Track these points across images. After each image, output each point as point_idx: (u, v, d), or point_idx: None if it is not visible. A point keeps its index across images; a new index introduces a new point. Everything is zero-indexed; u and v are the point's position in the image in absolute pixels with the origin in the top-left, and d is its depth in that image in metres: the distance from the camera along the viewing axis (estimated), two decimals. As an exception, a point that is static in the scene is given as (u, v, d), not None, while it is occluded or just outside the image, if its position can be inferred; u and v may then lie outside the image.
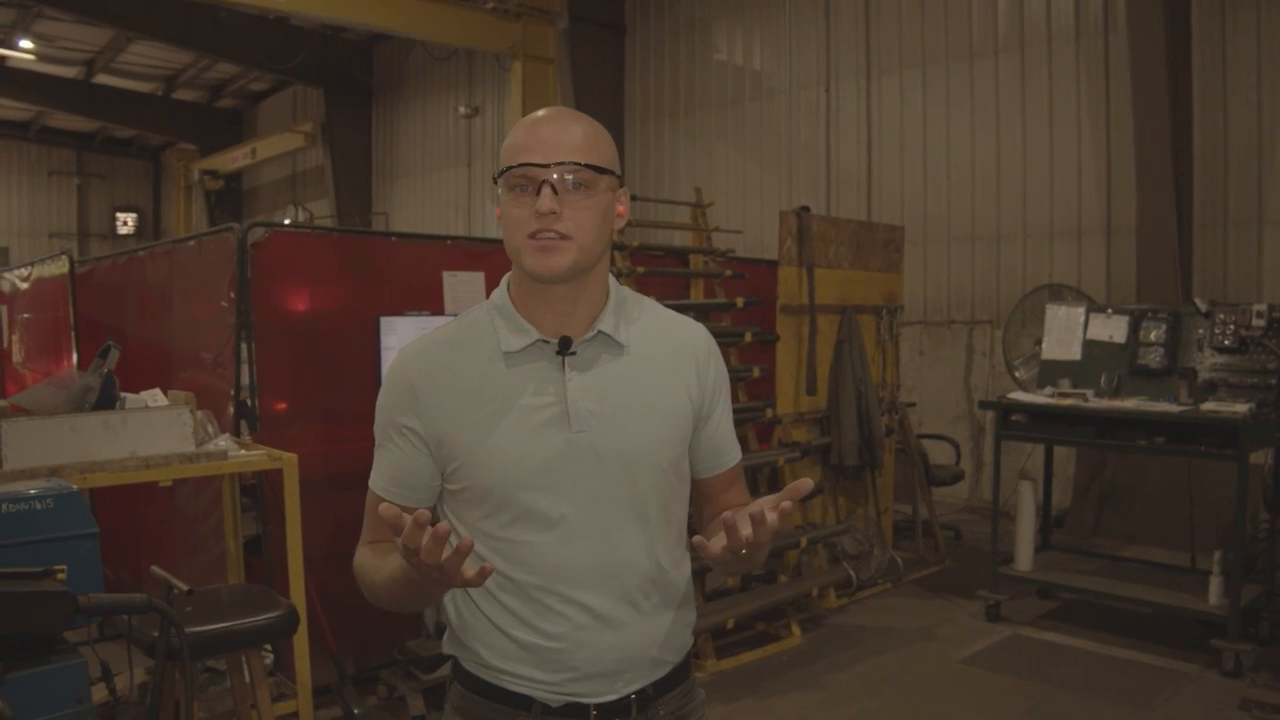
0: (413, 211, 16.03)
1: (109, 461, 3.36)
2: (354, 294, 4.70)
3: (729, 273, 5.93)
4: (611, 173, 1.58)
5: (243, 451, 3.75)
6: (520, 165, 1.53)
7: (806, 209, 6.13)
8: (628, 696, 1.65)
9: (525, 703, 1.63)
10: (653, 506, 1.64)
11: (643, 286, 5.48)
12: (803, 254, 6.02)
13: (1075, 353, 5.94)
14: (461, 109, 14.53)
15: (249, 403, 4.31)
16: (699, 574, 5.09)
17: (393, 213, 16.34)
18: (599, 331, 1.62)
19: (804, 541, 5.42)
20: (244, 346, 4.31)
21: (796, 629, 5.39)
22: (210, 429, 3.88)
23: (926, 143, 9.29)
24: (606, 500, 1.60)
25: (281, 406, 4.49)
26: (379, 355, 4.34)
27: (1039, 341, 6.33)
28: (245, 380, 4.31)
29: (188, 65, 17.03)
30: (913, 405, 7.98)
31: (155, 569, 2.86)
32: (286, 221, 16.09)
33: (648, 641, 1.65)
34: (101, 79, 17.29)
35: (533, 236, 1.53)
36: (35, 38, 14.94)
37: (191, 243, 4.97)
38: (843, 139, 10.01)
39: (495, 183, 1.58)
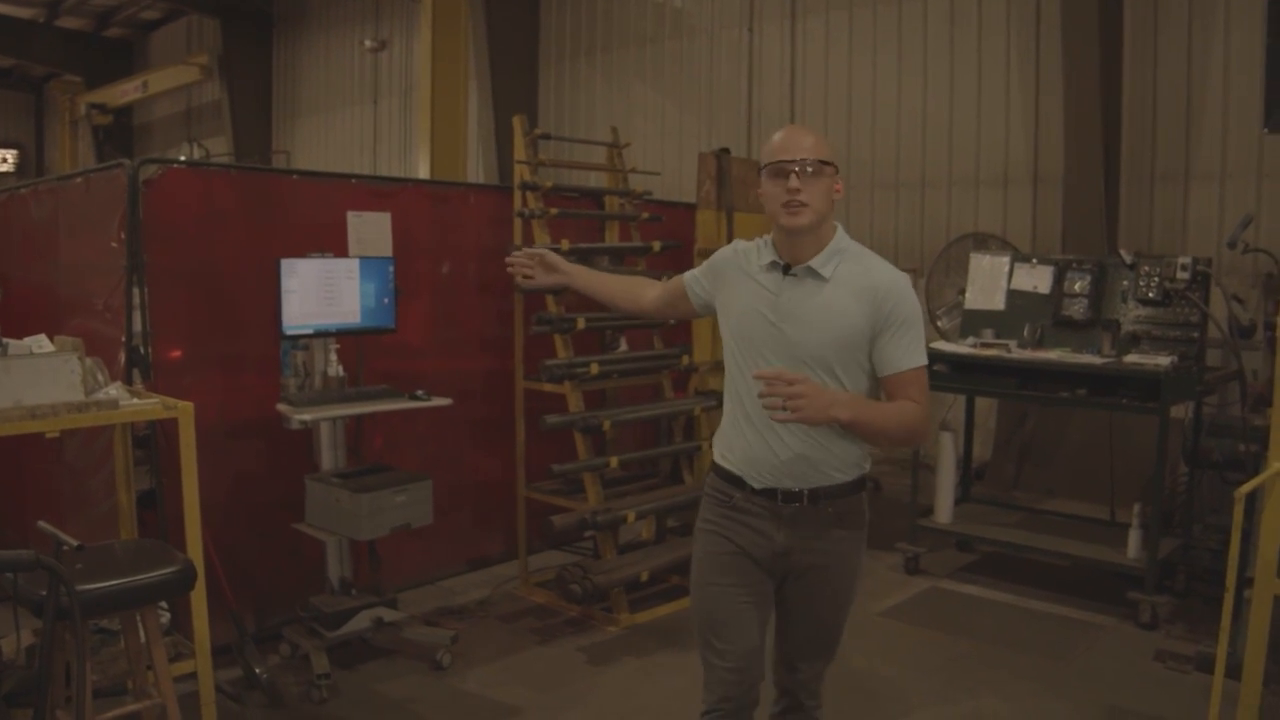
0: (316, 150, 15.38)
1: (-7, 411, 3.04)
2: (253, 235, 4.36)
3: (645, 215, 5.67)
4: (831, 164, 2.47)
5: (135, 400, 3.38)
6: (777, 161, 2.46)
7: (726, 151, 5.86)
8: (802, 491, 2.49)
9: (740, 483, 2.54)
10: (817, 379, 2.39)
11: (556, 229, 5.18)
12: (722, 197, 5.76)
13: (999, 303, 5.81)
14: (368, 43, 13.92)
15: (141, 350, 3.96)
16: (610, 526, 4.87)
17: (295, 151, 15.67)
18: (809, 266, 2.47)
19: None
20: (136, 291, 3.94)
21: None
22: (100, 377, 3.53)
23: (851, 86, 9.09)
24: (785, 364, 2.40)
25: (176, 354, 4.16)
26: (279, 299, 3.98)
27: (962, 291, 6.20)
28: (138, 326, 3.95)
29: (73, -10, 15.98)
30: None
31: (43, 524, 2.73)
32: (182, 159, 15.29)
33: (816, 458, 2.47)
34: (-25, 4, 16.14)
35: (785, 205, 2.44)
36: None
37: (79, 180, 4.52)
38: (765, 81, 9.76)
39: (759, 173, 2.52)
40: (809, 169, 2.40)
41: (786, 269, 2.48)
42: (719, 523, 2.58)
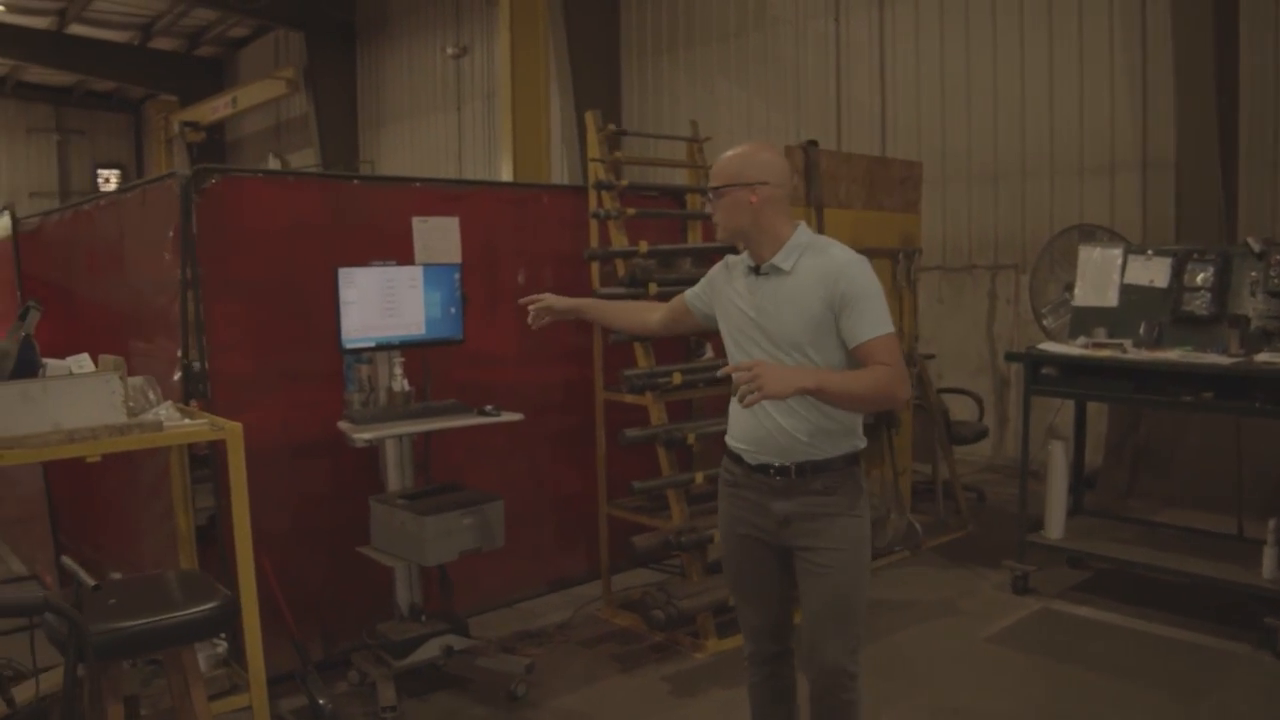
0: (401, 159, 15.44)
1: (29, 436, 2.96)
2: (315, 244, 4.19)
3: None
4: (733, 185, 2.75)
5: (185, 420, 3.23)
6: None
7: (814, 143, 5.55)
8: (789, 465, 2.75)
9: (739, 460, 2.85)
10: (794, 360, 2.69)
11: (634, 230, 4.92)
12: (810, 192, 5.45)
13: (1111, 299, 5.37)
14: (449, 49, 13.92)
15: (196, 367, 3.82)
16: (696, 546, 4.59)
17: (380, 160, 15.77)
18: (771, 264, 2.75)
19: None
20: (191, 305, 3.79)
21: (804, 606, 4.90)
22: (151, 395, 3.40)
23: (944, 73, 8.65)
24: (765, 355, 2.70)
25: (234, 369, 3.99)
26: (337, 310, 3.81)
27: (1069, 287, 5.77)
28: (194, 342, 3.81)
29: (163, 12, 16.43)
30: (931, 357, 7.43)
31: (65, 560, 2.67)
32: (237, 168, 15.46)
33: (799, 433, 2.71)
34: (75, 29, 16.75)
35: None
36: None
37: (134, 193, 4.42)
38: (853, 71, 9.38)
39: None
40: (711, 194, 2.80)
41: (757, 269, 2.78)
42: (728, 500, 2.93)
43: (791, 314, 2.69)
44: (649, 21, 11.42)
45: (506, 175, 9.83)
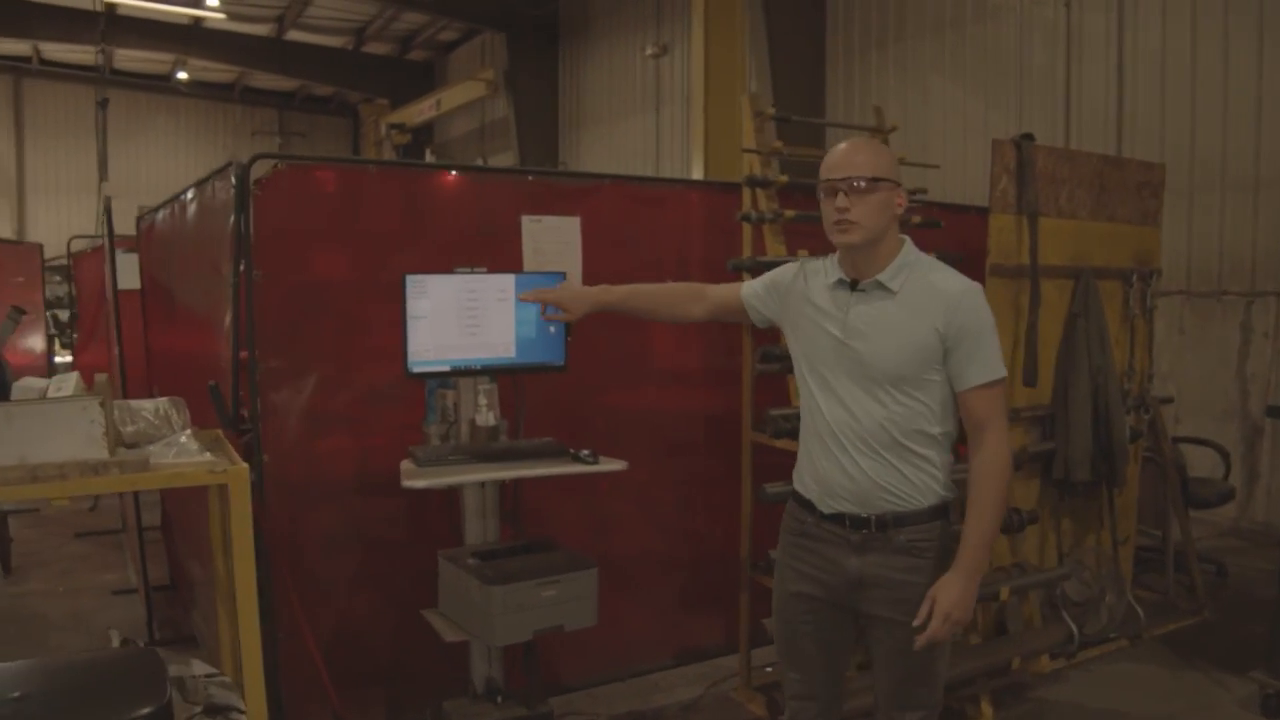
0: (598, 162, 15.12)
1: (-13, 471, 2.40)
2: (397, 246, 3.60)
3: (917, 220, 4.48)
4: (888, 180, 2.42)
5: (175, 460, 2.66)
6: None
7: (1029, 137, 4.58)
8: (870, 516, 2.43)
9: (811, 508, 2.54)
10: (889, 397, 2.40)
11: (795, 236, 4.14)
12: (1023, 197, 4.50)
13: None
14: (649, 49, 13.50)
15: (237, 387, 3.31)
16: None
17: (577, 164, 15.50)
18: (877, 280, 2.45)
19: (1005, 593, 3.97)
20: (243, 313, 3.28)
21: (988, 707, 3.96)
22: (176, 421, 2.88)
23: (1195, 66, 7.41)
24: (854, 387, 2.43)
25: (291, 390, 3.43)
26: (405, 326, 3.19)
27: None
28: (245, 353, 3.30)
29: (374, 16, 16.83)
30: (1169, 400, 6.24)
31: None
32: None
33: (888, 482, 2.41)
34: (293, 35, 17.45)
35: (835, 224, 2.42)
36: (221, -6, 15.05)
37: (207, 185, 3.90)
38: (1086, 64, 8.24)
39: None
40: (860, 185, 2.37)
41: (854, 285, 2.45)
42: (792, 551, 2.59)
43: (894, 342, 2.38)
44: (856, 14, 10.57)
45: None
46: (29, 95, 19.19)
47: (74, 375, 2.71)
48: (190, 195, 4.12)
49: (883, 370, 2.38)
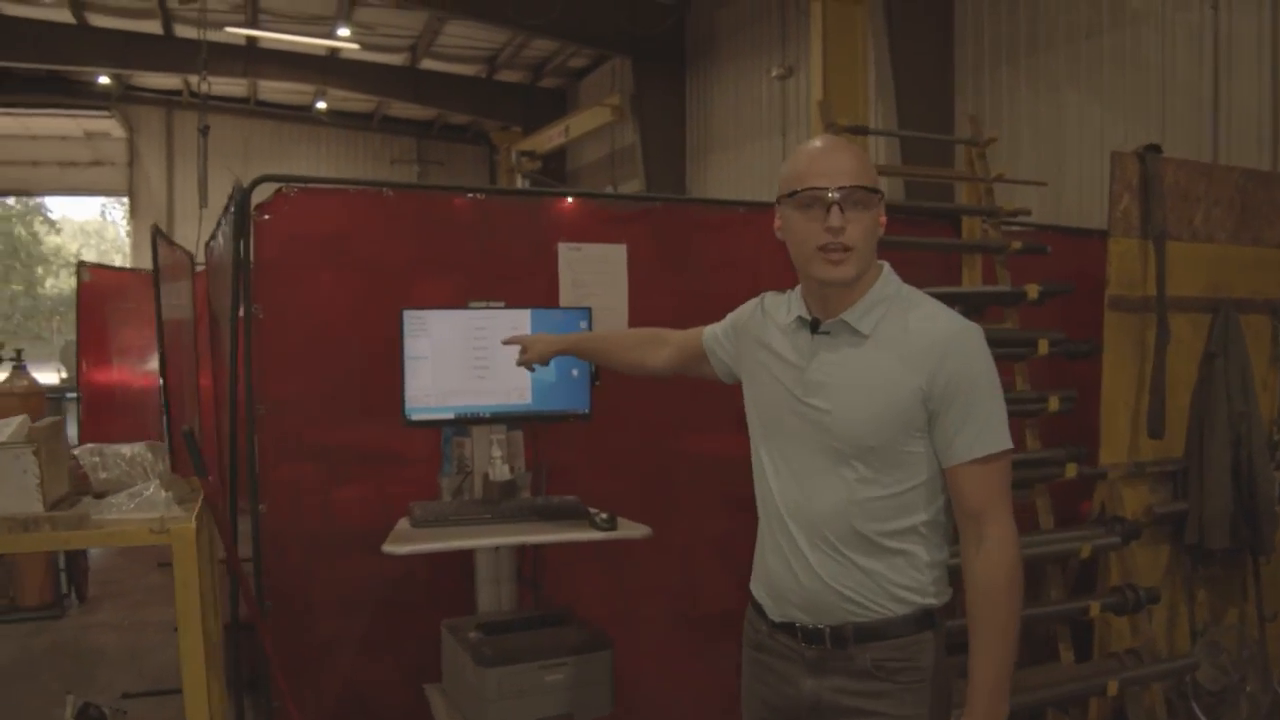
0: (723, 189, 14.73)
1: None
2: (414, 278, 3.35)
3: (1018, 245, 3.96)
4: (878, 193, 1.91)
5: (115, 517, 2.42)
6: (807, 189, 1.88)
7: (1155, 149, 4.03)
8: (824, 628, 1.89)
9: (763, 613, 2.02)
10: (854, 474, 1.86)
11: (905, 267, 3.67)
12: (1149, 218, 3.95)
13: None
14: (774, 70, 13.13)
15: (235, 428, 3.09)
16: None
17: (703, 191, 15.24)
18: (842, 320, 1.92)
19: (1113, 686, 3.38)
20: (240, 347, 3.05)
21: (1099, 815, 3.40)
22: (149, 469, 2.67)
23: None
24: (813, 460, 1.90)
25: (294, 432, 3.23)
26: (403, 367, 2.89)
27: None
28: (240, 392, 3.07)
29: (503, 44, 16.94)
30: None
31: None
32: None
33: (850, 584, 1.87)
34: (427, 64, 17.71)
35: (823, 250, 1.87)
36: (355, 26, 15.32)
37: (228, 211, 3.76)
38: (1237, 72, 7.42)
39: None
40: (855, 199, 1.85)
41: (815, 326, 1.94)
42: (750, 669, 2.09)
43: (863, 401, 1.85)
44: (986, 29, 9.95)
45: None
46: (178, 125, 20.18)
47: (23, 418, 2.49)
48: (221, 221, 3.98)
49: (846, 439, 1.86)
